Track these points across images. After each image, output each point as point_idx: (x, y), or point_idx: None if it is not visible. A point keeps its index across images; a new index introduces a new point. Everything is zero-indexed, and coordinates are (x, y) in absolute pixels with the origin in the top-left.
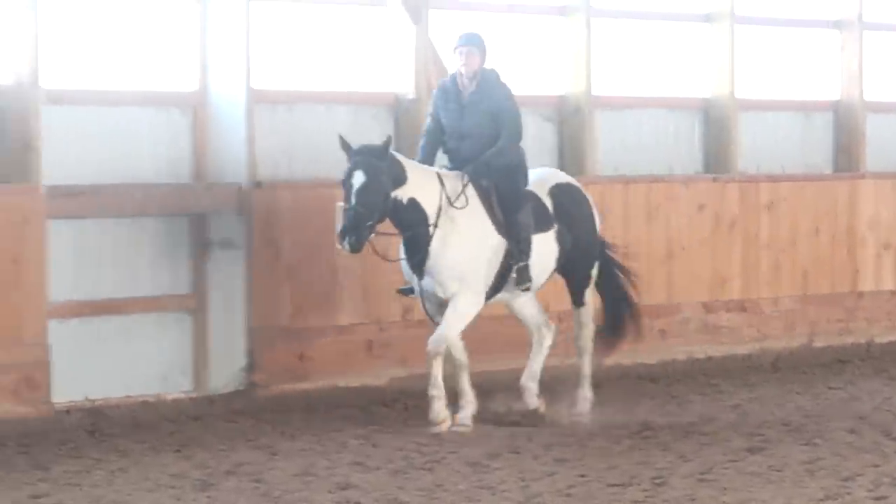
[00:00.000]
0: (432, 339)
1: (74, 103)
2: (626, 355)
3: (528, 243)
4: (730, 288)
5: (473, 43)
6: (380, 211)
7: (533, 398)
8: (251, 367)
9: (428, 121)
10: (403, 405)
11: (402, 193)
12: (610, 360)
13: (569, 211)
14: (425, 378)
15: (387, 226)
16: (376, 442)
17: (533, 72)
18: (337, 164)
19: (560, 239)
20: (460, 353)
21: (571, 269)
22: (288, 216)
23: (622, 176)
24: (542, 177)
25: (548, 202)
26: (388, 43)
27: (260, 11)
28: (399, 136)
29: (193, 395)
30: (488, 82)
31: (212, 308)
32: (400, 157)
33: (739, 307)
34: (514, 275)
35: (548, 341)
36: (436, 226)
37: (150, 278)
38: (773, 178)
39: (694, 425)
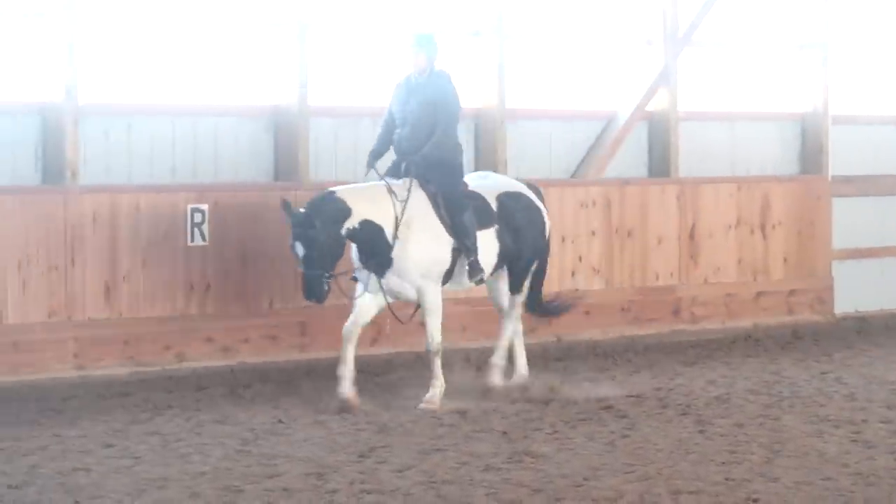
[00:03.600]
0: (428, 343)
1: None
2: None
3: (475, 241)
4: None
5: (420, 44)
6: (329, 262)
7: (498, 375)
8: None
9: (385, 114)
10: None
11: (352, 222)
12: None
13: (514, 215)
14: None
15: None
16: None
17: None
18: None
19: (500, 237)
20: (351, 329)
21: (515, 262)
22: None
23: None
24: (496, 183)
25: (493, 204)
26: None
27: None
28: None
29: None
30: (436, 77)
31: None
32: (341, 192)
33: None
34: (466, 268)
35: (519, 326)
36: (396, 236)
37: None
38: None
39: None
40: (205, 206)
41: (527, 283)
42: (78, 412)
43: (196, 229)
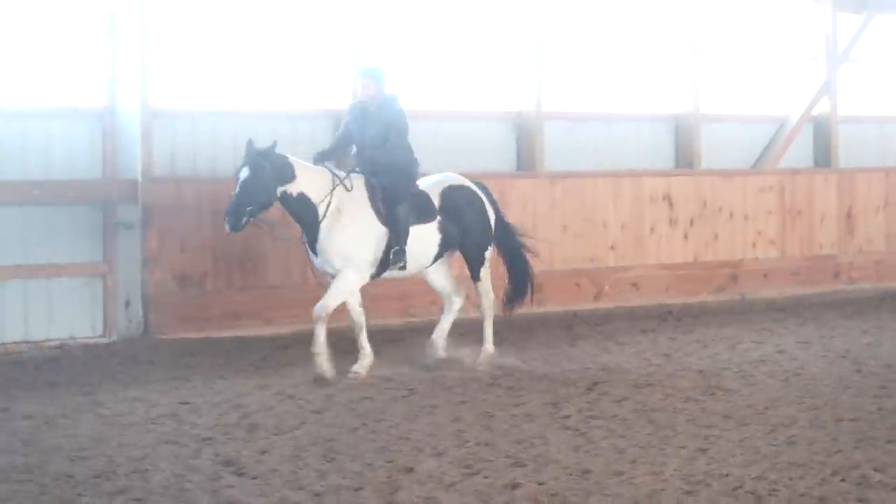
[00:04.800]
0: (316, 307)
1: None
2: None
3: (405, 232)
4: None
5: (369, 75)
6: (260, 200)
7: (440, 350)
8: None
9: (340, 129)
10: None
11: (292, 188)
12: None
13: (458, 208)
14: None
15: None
16: None
17: None
18: None
19: (443, 229)
20: (357, 316)
21: (466, 253)
22: None
23: None
24: (440, 180)
25: (436, 199)
26: None
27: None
28: None
29: None
30: (386, 103)
31: None
32: (294, 160)
33: None
34: (391, 256)
35: (456, 306)
36: (325, 215)
37: None
38: None
39: None
40: None
41: (484, 271)
42: None
43: None
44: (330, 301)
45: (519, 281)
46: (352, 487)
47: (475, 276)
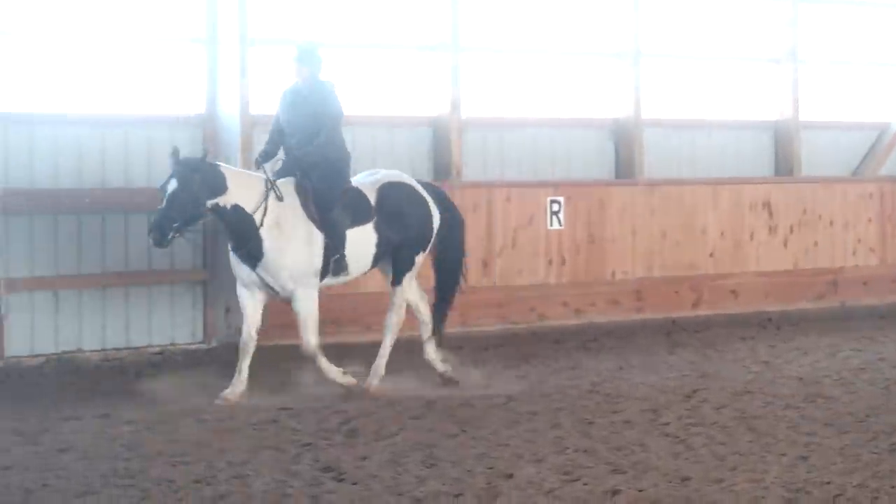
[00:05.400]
0: (302, 348)
1: None
2: None
3: (342, 238)
4: None
5: (303, 58)
6: (187, 215)
7: (438, 366)
8: None
9: (274, 120)
10: None
11: (224, 201)
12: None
13: (396, 206)
14: None
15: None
16: None
17: None
18: None
19: (379, 229)
20: (247, 342)
21: (397, 254)
22: None
23: None
24: (379, 176)
25: (371, 197)
26: None
27: None
28: None
29: None
30: (319, 88)
31: None
32: (225, 169)
33: None
34: (331, 265)
35: (425, 316)
36: (261, 223)
37: None
38: None
39: None
40: (561, 198)
41: (408, 278)
42: (463, 360)
43: (554, 216)
44: (310, 335)
45: (444, 297)
46: (451, 493)
47: (397, 281)
